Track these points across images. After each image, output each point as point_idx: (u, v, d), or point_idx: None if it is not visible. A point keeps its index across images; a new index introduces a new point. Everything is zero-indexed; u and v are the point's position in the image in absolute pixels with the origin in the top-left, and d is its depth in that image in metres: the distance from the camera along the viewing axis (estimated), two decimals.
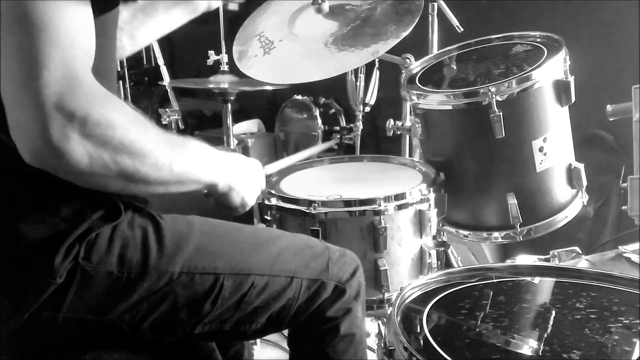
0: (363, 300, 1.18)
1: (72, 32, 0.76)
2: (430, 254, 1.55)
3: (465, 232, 1.71)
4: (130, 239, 0.94)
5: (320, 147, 1.73)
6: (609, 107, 1.75)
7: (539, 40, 1.68)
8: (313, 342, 1.14)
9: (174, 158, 0.87)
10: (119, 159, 0.80)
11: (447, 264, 1.80)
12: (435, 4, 2.01)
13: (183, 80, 2.72)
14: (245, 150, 2.61)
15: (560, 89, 1.54)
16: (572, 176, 1.64)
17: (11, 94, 0.75)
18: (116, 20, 0.93)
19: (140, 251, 0.94)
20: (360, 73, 2.32)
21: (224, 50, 2.23)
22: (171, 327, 0.99)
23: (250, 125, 3.52)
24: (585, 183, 1.64)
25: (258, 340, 2.25)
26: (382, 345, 0.96)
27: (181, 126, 2.42)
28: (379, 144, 3.14)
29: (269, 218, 1.54)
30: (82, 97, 0.75)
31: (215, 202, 1.09)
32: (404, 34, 1.55)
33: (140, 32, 1.33)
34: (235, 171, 1.06)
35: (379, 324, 1.52)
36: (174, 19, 1.39)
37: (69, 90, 0.74)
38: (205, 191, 1.05)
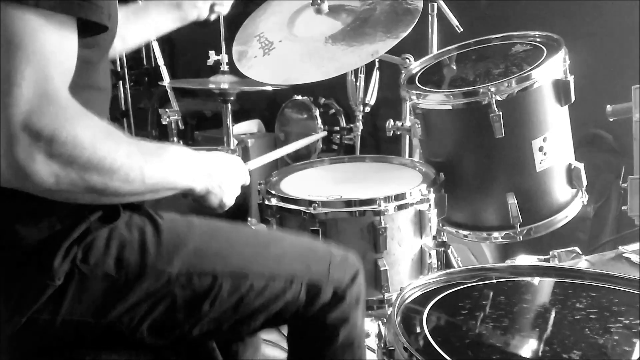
0: (363, 305, 1.18)
1: (48, 52, 0.74)
2: (430, 254, 1.55)
3: (465, 232, 1.71)
4: (128, 240, 0.94)
5: (305, 141, 1.72)
6: (609, 107, 1.75)
7: (538, 40, 1.68)
8: (312, 347, 1.14)
9: (146, 170, 0.85)
10: (87, 176, 0.78)
11: (447, 264, 1.80)
12: (435, 4, 2.01)
13: (183, 81, 2.71)
14: (245, 151, 2.61)
15: (560, 88, 1.54)
16: (572, 176, 1.63)
17: None
18: (113, 36, 0.93)
19: (138, 252, 0.94)
20: (360, 73, 2.32)
21: (224, 50, 2.23)
22: (170, 328, 0.99)
23: (250, 126, 3.52)
24: (585, 183, 1.64)
25: None
26: (382, 345, 0.96)
27: (181, 126, 2.41)
28: (379, 144, 3.14)
29: (269, 218, 1.54)
30: (50, 117, 0.73)
31: (194, 201, 1.07)
32: (404, 35, 1.55)
33: (131, 34, 1.34)
34: (213, 173, 1.02)
35: (379, 324, 1.52)
36: (165, 25, 1.41)
37: (38, 110, 0.72)
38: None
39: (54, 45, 0.75)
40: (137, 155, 0.84)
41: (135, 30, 1.34)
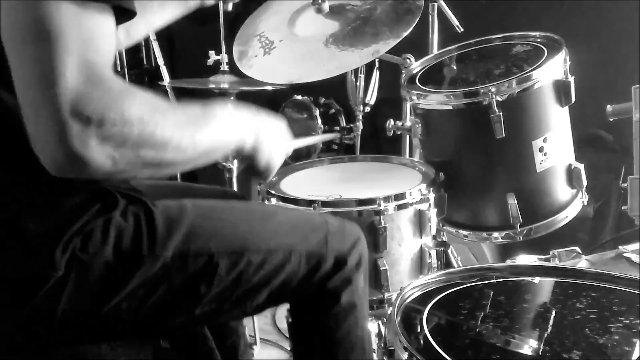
0: (365, 269, 1.17)
1: (87, 39, 0.75)
2: (430, 254, 1.55)
3: (465, 232, 1.70)
4: (124, 227, 0.94)
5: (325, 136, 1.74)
6: (609, 107, 1.75)
7: (539, 40, 1.68)
8: (314, 312, 1.14)
9: (196, 136, 0.87)
10: (142, 152, 0.79)
11: (447, 264, 1.80)
12: (435, 4, 2.01)
13: (183, 80, 2.71)
14: None
15: (561, 89, 1.54)
16: (572, 176, 1.63)
17: (28, 104, 0.74)
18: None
19: (135, 239, 0.94)
20: (360, 73, 2.32)
21: (224, 50, 2.23)
22: (170, 311, 0.99)
23: None
24: (585, 183, 1.64)
25: (258, 340, 2.25)
26: (382, 345, 0.96)
27: None
28: (379, 144, 3.14)
29: None
30: (97, 100, 0.74)
31: (245, 169, 1.08)
32: (404, 34, 1.55)
33: (135, 28, 1.34)
34: (260, 129, 1.04)
35: (379, 324, 1.53)
36: (168, 15, 1.39)
37: (85, 96, 0.73)
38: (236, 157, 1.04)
39: (91, 32, 0.76)
40: (185, 123, 0.86)
41: (139, 24, 1.33)
